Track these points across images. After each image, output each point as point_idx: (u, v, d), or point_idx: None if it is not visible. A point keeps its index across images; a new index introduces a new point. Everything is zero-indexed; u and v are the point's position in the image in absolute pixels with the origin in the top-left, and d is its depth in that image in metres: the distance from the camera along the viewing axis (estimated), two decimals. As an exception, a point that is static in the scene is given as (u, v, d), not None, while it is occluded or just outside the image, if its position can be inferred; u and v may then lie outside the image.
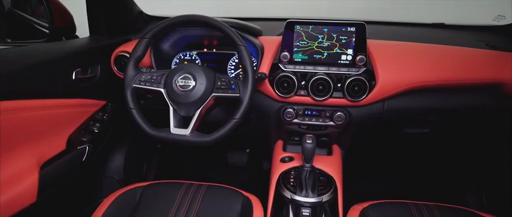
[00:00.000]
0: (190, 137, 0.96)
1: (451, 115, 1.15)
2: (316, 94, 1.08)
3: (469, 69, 1.08)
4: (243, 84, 0.96)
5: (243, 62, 0.97)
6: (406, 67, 1.08)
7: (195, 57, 1.29)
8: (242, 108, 0.95)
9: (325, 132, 1.23)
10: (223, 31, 0.98)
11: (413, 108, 1.13)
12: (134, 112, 1.00)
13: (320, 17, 1.22)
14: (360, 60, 1.06)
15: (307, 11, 1.93)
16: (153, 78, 1.01)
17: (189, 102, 0.96)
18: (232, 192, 1.09)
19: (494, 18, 1.43)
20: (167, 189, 1.10)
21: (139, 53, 1.02)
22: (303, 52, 1.10)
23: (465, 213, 1.00)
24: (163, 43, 1.24)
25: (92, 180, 1.44)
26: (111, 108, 1.32)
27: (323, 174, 1.14)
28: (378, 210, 1.02)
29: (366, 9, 1.87)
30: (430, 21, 1.50)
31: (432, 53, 1.13)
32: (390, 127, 1.22)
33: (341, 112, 1.13)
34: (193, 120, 0.97)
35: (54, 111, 1.05)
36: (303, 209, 1.01)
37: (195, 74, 0.97)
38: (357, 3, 1.83)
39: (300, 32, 1.09)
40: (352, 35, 1.07)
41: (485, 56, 1.13)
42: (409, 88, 1.08)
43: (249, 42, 1.13)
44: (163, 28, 1.01)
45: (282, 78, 1.09)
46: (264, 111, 1.21)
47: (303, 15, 1.37)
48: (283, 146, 1.33)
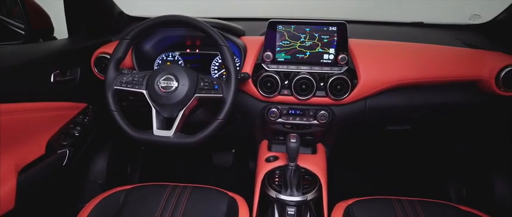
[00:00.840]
0: (173, 138, 0.95)
1: (431, 112, 1.18)
2: (299, 93, 1.09)
3: (447, 67, 1.11)
4: (226, 84, 0.96)
5: (225, 62, 0.96)
6: (386, 66, 1.10)
7: (177, 58, 1.28)
8: (225, 109, 0.95)
9: (309, 131, 1.24)
10: (205, 31, 0.98)
11: (394, 105, 1.15)
12: (116, 114, 0.98)
13: (302, 16, 1.23)
14: (341, 59, 1.08)
15: (291, 10, 1.94)
16: (135, 80, 0.99)
17: (172, 103, 0.95)
18: (218, 193, 1.09)
19: (470, 17, 1.48)
20: (151, 191, 1.08)
21: (120, 54, 1.00)
22: (285, 52, 1.10)
23: (445, 207, 1.03)
24: (145, 44, 1.22)
25: (73, 185, 1.41)
26: (93, 110, 1.30)
27: (308, 173, 1.15)
28: (362, 206, 1.03)
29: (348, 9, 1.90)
30: (409, 20, 1.53)
31: (412, 52, 1.15)
32: (372, 124, 1.24)
33: (324, 111, 1.14)
34: (177, 121, 0.96)
35: (32, 114, 1.02)
36: (288, 208, 1.02)
37: (178, 74, 0.96)
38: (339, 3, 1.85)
39: (283, 31, 1.10)
40: (333, 34, 1.08)
41: (462, 54, 1.16)
42: (390, 86, 1.10)
43: (231, 42, 1.13)
44: (144, 29, 1.00)
45: (265, 78, 1.09)
46: (248, 111, 1.21)
47: (285, 15, 1.38)
48: (268, 146, 1.33)
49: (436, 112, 1.18)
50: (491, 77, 1.07)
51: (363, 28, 1.47)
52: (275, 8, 1.88)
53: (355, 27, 1.38)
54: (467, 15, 1.48)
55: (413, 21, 1.53)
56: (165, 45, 1.27)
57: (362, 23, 1.53)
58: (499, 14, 1.28)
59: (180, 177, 1.88)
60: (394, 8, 1.86)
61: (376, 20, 1.56)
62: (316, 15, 1.36)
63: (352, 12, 1.92)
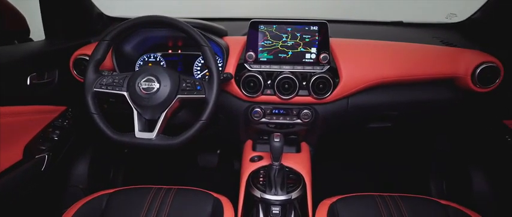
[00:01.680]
0: (156, 141, 0.94)
1: (410, 109, 1.21)
2: (282, 93, 1.10)
3: (425, 65, 1.13)
4: (208, 85, 0.95)
5: (207, 63, 0.96)
6: (367, 64, 1.12)
7: (159, 59, 1.27)
8: (208, 109, 0.94)
9: (293, 130, 1.25)
10: (186, 32, 0.97)
11: (375, 103, 1.17)
12: (96, 117, 0.96)
13: (284, 16, 1.23)
14: (323, 58, 1.09)
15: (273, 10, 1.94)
16: (115, 82, 0.97)
17: (154, 104, 0.94)
18: (203, 194, 1.08)
19: (447, 16, 1.52)
20: (135, 194, 1.07)
21: (100, 56, 0.98)
22: (268, 51, 1.11)
23: (426, 202, 1.05)
24: (126, 45, 1.20)
25: (53, 190, 1.38)
26: (72, 113, 1.27)
27: (292, 172, 1.16)
28: (346, 203, 1.05)
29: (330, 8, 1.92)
30: (389, 20, 1.56)
31: (392, 50, 1.17)
32: (355, 122, 1.26)
33: (307, 110, 1.15)
34: (159, 123, 0.95)
35: (8, 118, 0.99)
36: (272, 207, 1.02)
37: (159, 76, 0.95)
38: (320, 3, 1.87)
39: (264, 31, 1.10)
40: (315, 34, 1.09)
41: (440, 52, 1.19)
42: (371, 84, 1.12)
43: (213, 42, 1.12)
44: (123, 29, 0.98)
45: (248, 78, 1.09)
46: (232, 112, 1.20)
47: (267, 15, 1.38)
48: (253, 146, 1.33)
49: (415, 109, 1.21)
50: (467, 74, 1.10)
51: (344, 27, 1.49)
52: (256, 9, 1.88)
53: (336, 26, 1.39)
54: (444, 14, 1.52)
55: (393, 20, 1.56)
56: (146, 46, 1.25)
57: (343, 23, 1.55)
58: (474, 13, 1.32)
59: (165, 179, 1.86)
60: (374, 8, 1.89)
61: (356, 19, 1.59)
62: (297, 15, 1.37)
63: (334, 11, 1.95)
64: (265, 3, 1.90)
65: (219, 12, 1.71)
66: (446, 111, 1.24)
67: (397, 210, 1.00)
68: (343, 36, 1.24)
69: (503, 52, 1.14)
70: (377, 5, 1.92)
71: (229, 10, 1.86)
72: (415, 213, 1.00)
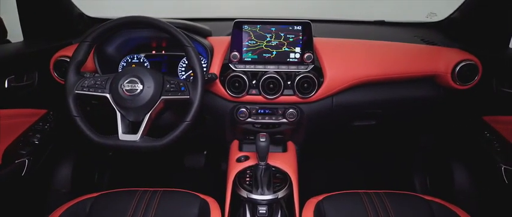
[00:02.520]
0: (140, 143, 0.92)
1: (393, 107, 1.23)
2: (267, 92, 1.10)
3: (407, 63, 1.16)
4: (192, 85, 0.95)
5: (191, 63, 0.95)
6: (350, 63, 1.13)
7: (143, 60, 1.25)
8: (193, 110, 0.94)
9: (279, 130, 1.25)
10: (169, 32, 0.96)
11: (359, 102, 1.19)
12: (78, 120, 0.94)
13: (268, 16, 1.24)
14: (307, 58, 1.10)
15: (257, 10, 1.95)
16: (97, 83, 0.96)
17: (137, 106, 0.93)
18: (189, 195, 1.07)
19: (427, 15, 1.55)
20: (120, 198, 1.05)
21: (81, 57, 0.96)
22: (252, 51, 1.11)
23: (410, 197, 1.07)
24: (108, 46, 1.18)
25: (35, 195, 1.34)
26: (54, 116, 1.24)
27: (278, 171, 1.16)
28: (332, 201, 1.06)
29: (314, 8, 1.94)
30: (371, 19, 1.58)
31: (374, 49, 1.19)
32: (340, 121, 1.27)
33: (293, 110, 1.16)
34: (143, 124, 0.93)
35: None
36: (259, 207, 1.02)
37: (142, 77, 0.94)
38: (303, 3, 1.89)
39: (248, 31, 1.10)
40: (298, 34, 1.10)
41: (421, 51, 1.21)
42: (355, 83, 1.13)
43: (197, 43, 1.12)
44: (105, 30, 0.97)
45: (233, 78, 1.09)
46: (218, 112, 1.20)
47: (251, 15, 1.38)
48: (239, 146, 1.33)
49: (398, 107, 1.23)
50: (448, 72, 1.13)
51: (327, 27, 1.50)
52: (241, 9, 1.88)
53: (320, 26, 1.41)
54: (425, 13, 1.55)
55: (375, 19, 1.58)
56: (129, 47, 1.23)
57: (327, 22, 1.57)
58: (453, 12, 1.36)
59: (151, 181, 1.84)
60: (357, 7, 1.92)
61: (340, 18, 1.60)
62: (281, 15, 1.37)
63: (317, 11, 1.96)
64: (249, 4, 1.90)
65: (203, 12, 1.71)
66: (428, 108, 1.27)
67: (382, 207, 1.02)
68: (327, 36, 1.25)
69: (481, 50, 1.17)
70: (360, 5, 1.94)
71: (214, 10, 1.85)
72: (399, 209, 1.01)
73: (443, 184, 1.48)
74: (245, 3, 1.88)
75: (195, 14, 1.60)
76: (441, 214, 1.01)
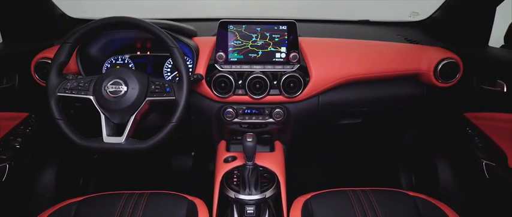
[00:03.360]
0: (125, 145, 0.91)
1: (378, 105, 1.24)
2: (253, 92, 1.10)
3: (391, 62, 1.17)
4: (178, 86, 0.94)
5: (176, 64, 0.95)
6: (336, 62, 1.14)
7: (127, 61, 1.23)
8: (179, 111, 0.93)
9: (266, 130, 1.25)
10: (153, 33, 0.95)
11: (345, 100, 1.20)
12: (61, 123, 0.92)
13: (253, 16, 1.24)
14: (293, 58, 1.10)
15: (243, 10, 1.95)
16: (80, 85, 0.94)
17: (122, 108, 0.92)
18: (177, 197, 1.06)
19: (410, 14, 1.58)
20: (105, 201, 1.03)
21: (62, 59, 0.94)
22: (238, 51, 1.11)
23: (396, 194, 1.09)
24: (91, 47, 1.16)
25: (17, 201, 1.31)
26: (36, 120, 1.21)
27: (266, 171, 1.16)
28: (319, 200, 1.07)
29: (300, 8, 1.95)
30: (356, 19, 1.60)
31: (359, 48, 1.20)
32: (326, 120, 1.28)
33: (279, 109, 1.16)
34: (128, 126, 0.92)
35: None
36: (247, 207, 1.02)
37: (126, 78, 0.93)
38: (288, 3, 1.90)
39: (234, 31, 1.10)
40: (284, 33, 1.10)
41: (404, 49, 1.24)
42: (340, 82, 1.14)
43: (182, 43, 1.11)
44: (87, 31, 0.95)
45: (219, 79, 1.08)
46: (204, 113, 1.19)
47: (237, 15, 1.38)
48: (227, 146, 1.32)
49: (383, 105, 1.25)
50: (430, 70, 1.16)
51: (312, 26, 1.51)
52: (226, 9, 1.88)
53: (305, 25, 1.42)
54: (407, 12, 1.58)
55: (360, 19, 1.60)
56: (113, 48, 1.22)
57: (312, 22, 1.58)
58: (434, 11, 1.38)
59: (138, 184, 1.81)
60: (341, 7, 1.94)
61: (325, 18, 1.61)
62: (267, 15, 1.37)
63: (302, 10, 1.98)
64: (234, 4, 1.90)
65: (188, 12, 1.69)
66: (412, 105, 1.29)
67: (369, 204, 1.03)
68: (312, 35, 1.26)
69: (462, 48, 1.20)
70: (344, 5, 1.97)
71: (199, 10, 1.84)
72: (385, 205, 1.03)
73: (428, 181, 1.51)
74: (230, 4, 1.88)
75: (181, 14, 1.58)
76: (426, 209, 1.03)
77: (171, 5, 1.93)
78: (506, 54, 1.13)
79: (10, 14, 1.15)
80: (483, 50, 1.18)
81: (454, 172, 1.42)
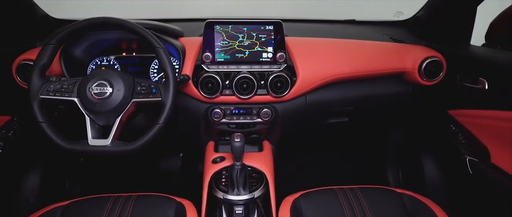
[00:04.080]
0: (111, 147, 0.90)
1: (365, 104, 1.26)
2: (240, 92, 1.10)
3: (377, 61, 1.19)
4: (164, 87, 0.93)
5: (162, 65, 0.94)
6: (322, 62, 1.15)
7: (113, 62, 1.22)
8: (165, 112, 0.92)
9: (254, 129, 1.25)
10: (138, 33, 0.94)
11: (332, 99, 1.21)
12: (44, 126, 0.90)
13: (239, 16, 1.23)
14: (280, 57, 1.10)
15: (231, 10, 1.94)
16: (64, 87, 0.92)
17: (107, 110, 0.91)
18: (165, 199, 1.05)
19: (394, 14, 1.61)
20: (92, 205, 1.02)
21: (45, 61, 0.92)
22: (224, 52, 1.10)
23: (383, 191, 1.10)
24: (75, 48, 1.14)
25: (1, 206, 1.28)
26: (18, 123, 1.18)
27: (255, 171, 1.16)
28: (308, 198, 1.07)
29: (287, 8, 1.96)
30: (342, 18, 1.61)
31: (345, 48, 1.22)
32: (314, 119, 1.29)
33: (267, 109, 1.17)
34: (114, 128, 0.91)
35: None
36: (235, 207, 1.02)
37: (111, 80, 0.91)
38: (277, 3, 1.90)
39: (220, 32, 1.10)
40: (270, 33, 1.10)
41: (389, 48, 1.25)
42: (327, 81, 1.15)
43: (168, 44, 1.10)
44: (70, 32, 0.93)
45: (206, 79, 1.08)
46: (192, 113, 1.19)
47: (224, 15, 1.38)
48: (215, 147, 1.32)
49: (369, 103, 1.26)
50: (415, 68, 1.17)
51: (299, 26, 1.51)
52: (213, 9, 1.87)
53: (292, 25, 1.42)
54: (392, 12, 1.60)
55: (346, 18, 1.61)
56: (98, 49, 1.20)
57: (298, 22, 1.58)
58: (418, 11, 1.41)
59: (126, 186, 1.79)
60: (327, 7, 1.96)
61: (311, 18, 1.62)
62: (254, 15, 1.37)
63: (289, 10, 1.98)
64: (221, 4, 1.89)
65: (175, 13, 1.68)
66: (397, 103, 1.31)
67: (357, 202, 1.04)
68: (299, 35, 1.26)
69: (445, 47, 1.22)
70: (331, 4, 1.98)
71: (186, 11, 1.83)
72: (373, 202, 1.04)
73: (415, 177, 1.54)
74: (217, 4, 1.87)
75: (167, 14, 1.57)
76: (412, 205, 1.05)
77: (158, 5, 1.91)
78: (487, 52, 1.16)
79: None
80: (465, 49, 1.21)
81: (439, 169, 1.44)
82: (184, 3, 1.91)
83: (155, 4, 1.92)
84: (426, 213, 1.02)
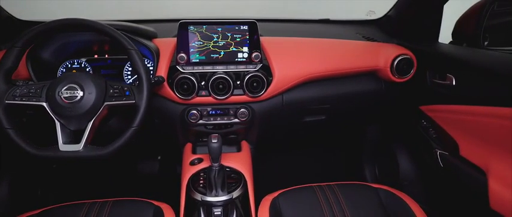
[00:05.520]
0: (83, 152, 0.88)
1: (340, 101, 1.28)
2: (217, 93, 1.09)
3: (350, 59, 1.21)
4: (137, 89, 0.92)
5: (135, 67, 0.92)
6: (298, 61, 1.16)
7: (85, 65, 1.18)
8: (139, 115, 0.90)
9: (232, 130, 1.25)
10: (109, 35, 0.92)
11: (308, 98, 1.22)
12: (11, 132, 0.87)
13: (214, 16, 1.23)
14: (255, 57, 1.11)
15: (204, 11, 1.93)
16: (31, 92, 0.89)
17: (79, 114, 0.88)
18: (142, 203, 1.04)
19: (367, 13, 1.64)
20: (65, 212, 0.99)
21: (10, 64, 0.89)
22: (199, 52, 1.09)
23: (359, 187, 1.13)
24: (43, 51, 1.10)
25: None
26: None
27: (233, 171, 1.16)
28: (287, 197, 1.08)
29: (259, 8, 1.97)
30: (316, 18, 1.64)
31: (320, 47, 1.23)
32: (291, 117, 1.30)
33: (244, 109, 1.16)
34: (86, 133, 0.89)
35: None
36: (214, 209, 1.01)
37: (82, 82, 0.89)
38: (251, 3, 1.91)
39: (195, 32, 1.09)
40: (245, 33, 1.10)
41: (362, 47, 1.28)
42: (303, 80, 1.16)
43: (141, 45, 1.08)
44: (37, 34, 0.90)
45: (181, 80, 1.07)
46: (168, 115, 1.17)
47: (198, 15, 1.37)
48: (193, 148, 1.31)
49: (345, 101, 1.29)
50: (387, 66, 1.21)
51: (273, 26, 1.52)
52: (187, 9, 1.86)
53: (267, 25, 1.43)
54: (365, 11, 1.64)
55: (320, 18, 1.64)
56: (68, 51, 1.16)
57: (273, 21, 1.59)
58: (389, 10, 1.45)
59: (102, 192, 1.74)
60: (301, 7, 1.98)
61: (286, 18, 1.64)
62: (229, 15, 1.37)
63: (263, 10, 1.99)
64: (195, 4, 1.88)
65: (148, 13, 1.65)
66: (371, 100, 1.34)
67: (335, 198, 1.06)
68: (274, 35, 1.27)
69: (415, 45, 1.26)
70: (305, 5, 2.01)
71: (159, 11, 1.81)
72: (350, 198, 1.06)
73: (390, 172, 1.58)
74: (191, 4, 1.85)
75: (140, 15, 1.54)
76: (388, 200, 1.08)
77: (130, 6, 1.87)
78: (454, 49, 1.20)
79: None
80: (434, 46, 1.25)
81: (412, 163, 1.49)
82: (159, 3, 1.89)
83: (130, 5, 1.89)
84: (401, 207, 1.05)
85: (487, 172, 0.91)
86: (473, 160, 0.98)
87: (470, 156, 1.00)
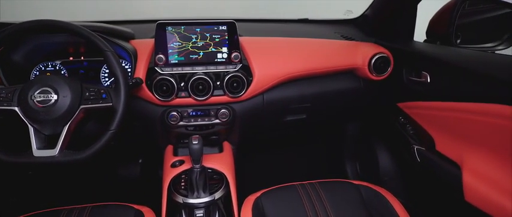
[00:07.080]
0: (59, 157, 0.85)
1: (320, 100, 1.30)
2: (197, 94, 1.08)
3: (329, 58, 1.23)
4: (114, 92, 0.90)
5: (111, 69, 0.90)
6: (277, 61, 1.17)
7: (59, 67, 1.15)
8: (117, 118, 0.88)
9: (213, 131, 1.24)
10: (83, 36, 0.89)
11: (288, 97, 1.23)
12: None
13: (192, 17, 1.22)
14: (235, 57, 1.10)
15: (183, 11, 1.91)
16: (2, 96, 0.86)
17: (53, 118, 0.85)
18: (122, 208, 1.02)
19: (344, 13, 1.67)
20: None
21: None
22: (178, 53, 1.08)
23: (341, 184, 1.14)
24: (14, 54, 1.06)
25: None
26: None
27: (215, 172, 1.15)
28: (270, 196, 1.08)
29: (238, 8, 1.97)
30: (295, 17, 1.65)
31: (299, 46, 1.24)
32: (272, 117, 1.30)
33: (225, 110, 1.16)
34: (61, 137, 0.86)
35: None
36: (196, 211, 1.00)
37: (56, 86, 0.86)
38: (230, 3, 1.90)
39: (173, 33, 1.07)
40: (224, 33, 1.10)
41: (341, 46, 1.30)
42: (283, 79, 1.17)
43: (118, 46, 1.06)
44: (6, 36, 0.87)
45: (160, 82, 1.05)
46: (147, 118, 1.15)
47: (177, 16, 1.35)
48: (174, 151, 1.29)
49: (325, 99, 1.30)
50: (365, 64, 1.23)
51: (253, 26, 1.52)
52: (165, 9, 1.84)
53: (246, 25, 1.43)
54: (342, 11, 1.66)
55: (299, 18, 1.65)
56: (41, 53, 1.12)
57: (252, 21, 1.59)
58: (366, 9, 1.47)
59: (81, 197, 1.70)
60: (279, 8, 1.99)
61: (265, 17, 1.64)
62: (208, 15, 1.36)
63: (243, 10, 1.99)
64: (174, 4, 1.86)
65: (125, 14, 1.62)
66: (351, 98, 1.36)
67: (317, 196, 1.07)
68: (253, 35, 1.27)
69: (391, 44, 1.29)
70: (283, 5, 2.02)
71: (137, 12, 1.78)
72: (332, 195, 1.08)
73: (371, 169, 1.61)
74: (169, 4, 1.83)
75: (119, 16, 1.51)
76: (369, 196, 1.10)
77: (108, 8, 1.83)
78: (428, 48, 1.24)
79: None
80: (409, 45, 1.28)
81: (392, 159, 1.52)
82: (136, 3, 1.86)
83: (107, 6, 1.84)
84: (381, 202, 1.07)
85: (462, 166, 0.94)
86: (449, 155, 1.01)
87: (446, 151, 1.02)
